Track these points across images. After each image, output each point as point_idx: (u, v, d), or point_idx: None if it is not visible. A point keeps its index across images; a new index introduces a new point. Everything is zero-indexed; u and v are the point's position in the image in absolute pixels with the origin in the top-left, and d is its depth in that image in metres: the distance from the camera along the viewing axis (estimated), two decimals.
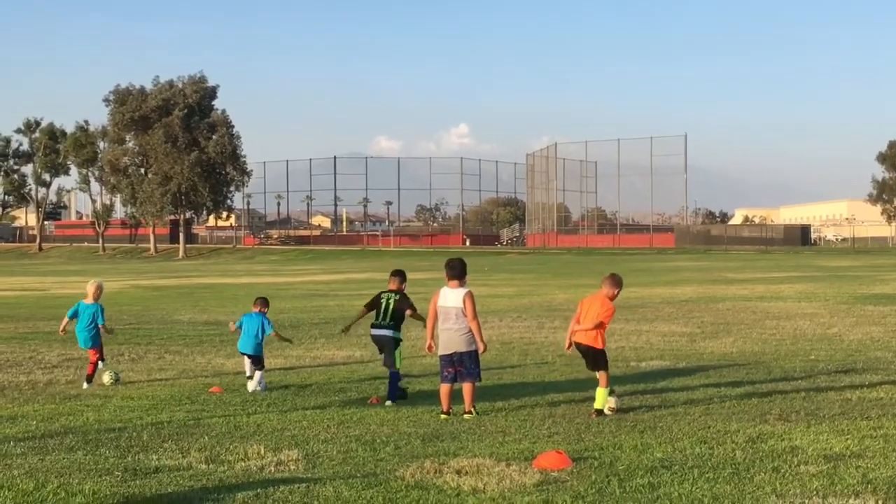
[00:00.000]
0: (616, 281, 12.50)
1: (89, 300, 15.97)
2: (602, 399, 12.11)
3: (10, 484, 8.48)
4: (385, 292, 14.20)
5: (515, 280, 49.38)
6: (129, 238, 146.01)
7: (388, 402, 13.54)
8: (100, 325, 15.87)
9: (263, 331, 15.16)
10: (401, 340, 14.14)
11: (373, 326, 14.18)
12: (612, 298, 12.41)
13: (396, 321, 14.01)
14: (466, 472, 8.73)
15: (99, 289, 16.16)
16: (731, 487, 8.22)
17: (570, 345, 12.48)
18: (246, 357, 15.30)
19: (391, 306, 13.96)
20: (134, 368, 17.50)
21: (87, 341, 15.78)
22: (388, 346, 13.96)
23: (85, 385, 15.34)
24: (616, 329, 23.27)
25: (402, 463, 9.27)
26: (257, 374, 14.87)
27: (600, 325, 12.18)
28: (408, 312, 14.02)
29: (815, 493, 7.98)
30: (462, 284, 12.37)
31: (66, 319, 16.13)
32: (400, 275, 14.48)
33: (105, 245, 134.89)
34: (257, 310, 15.47)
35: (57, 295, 41.35)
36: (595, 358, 12.24)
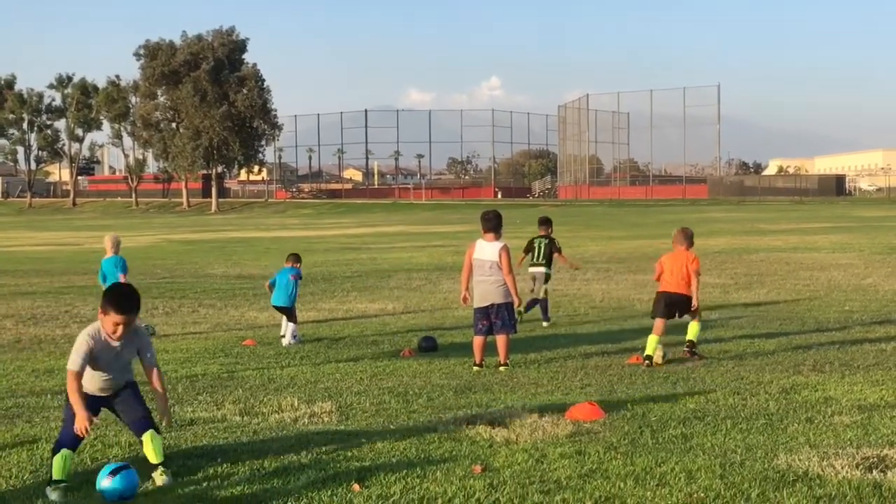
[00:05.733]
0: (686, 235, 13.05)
1: (109, 255, 15.94)
2: (696, 331, 12.81)
3: (49, 436, 8.58)
4: (537, 238, 17.02)
5: None
6: (162, 193, 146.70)
7: (545, 324, 16.49)
8: (121, 276, 15.80)
9: (295, 284, 15.24)
10: (550, 275, 16.96)
11: (530, 265, 16.95)
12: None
13: (548, 260, 16.87)
14: (499, 424, 8.74)
15: (114, 241, 16.07)
16: (764, 438, 8.20)
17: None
18: (279, 311, 15.37)
19: (542, 249, 16.80)
20: (168, 322, 17.63)
21: None
22: (540, 279, 16.73)
23: None
24: (649, 281, 23.19)
25: (435, 414, 9.30)
26: (290, 327, 14.94)
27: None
28: (555, 255, 17.02)
29: (849, 443, 7.95)
30: (498, 237, 12.35)
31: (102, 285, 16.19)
32: (547, 222, 17.30)
33: (138, 200, 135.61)
34: (289, 265, 15.55)
35: (91, 249, 41.64)
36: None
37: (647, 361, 12.17)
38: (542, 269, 16.77)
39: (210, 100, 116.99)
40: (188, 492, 6.98)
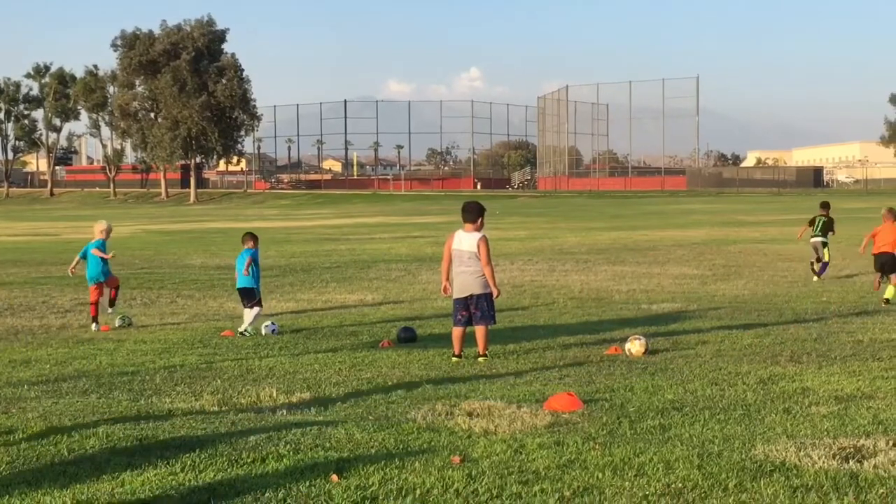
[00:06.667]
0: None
1: (95, 239, 15.94)
2: (893, 292, 17.14)
3: (25, 426, 8.54)
4: (818, 216, 22.38)
5: (527, 223, 49.24)
6: (141, 183, 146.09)
7: (816, 279, 21.25)
8: (96, 250, 15.71)
9: (254, 264, 15.23)
10: (827, 243, 22.09)
11: (812, 236, 22.30)
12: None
13: (824, 232, 22.11)
14: (478, 415, 8.76)
15: (105, 231, 16.05)
16: (741, 428, 8.23)
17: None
18: (242, 296, 15.26)
19: (821, 224, 22.20)
20: (146, 312, 17.56)
21: (98, 277, 15.73)
22: (819, 247, 21.95)
23: (94, 327, 15.37)
24: (628, 272, 23.28)
25: (414, 405, 9.30)
26: (250, 311, 14.88)
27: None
28: (830, 234, 22.26)
29: (825, 433, 7.99)
30: (478, 228, 12.32)
31: (76, 258, 16.13)
32: (826, 205, 22.72)
33: (116, 190, 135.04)
34: (247, 247, 15.53)
35: (69, 239, 41.44)
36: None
37: (885, 302, 16.85)
38: (820, 239, 22.04)
39: (189, 90, 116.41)
40: (166, 483, 6.95)
